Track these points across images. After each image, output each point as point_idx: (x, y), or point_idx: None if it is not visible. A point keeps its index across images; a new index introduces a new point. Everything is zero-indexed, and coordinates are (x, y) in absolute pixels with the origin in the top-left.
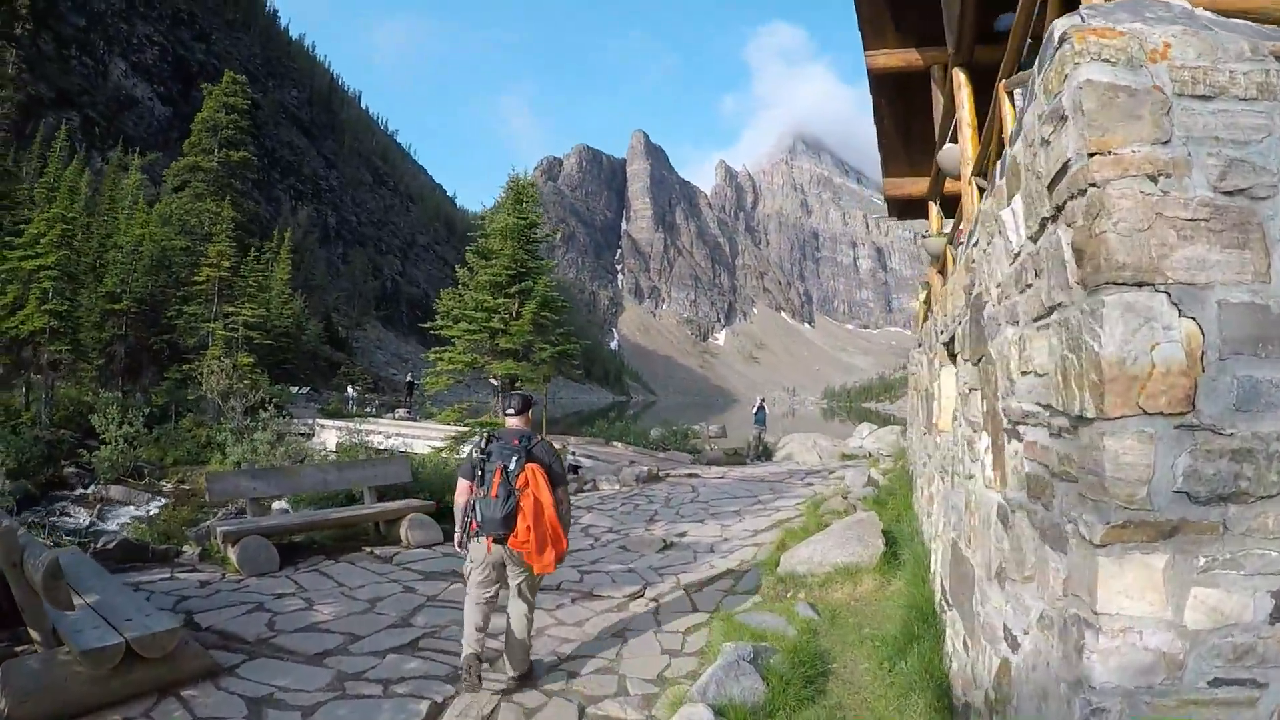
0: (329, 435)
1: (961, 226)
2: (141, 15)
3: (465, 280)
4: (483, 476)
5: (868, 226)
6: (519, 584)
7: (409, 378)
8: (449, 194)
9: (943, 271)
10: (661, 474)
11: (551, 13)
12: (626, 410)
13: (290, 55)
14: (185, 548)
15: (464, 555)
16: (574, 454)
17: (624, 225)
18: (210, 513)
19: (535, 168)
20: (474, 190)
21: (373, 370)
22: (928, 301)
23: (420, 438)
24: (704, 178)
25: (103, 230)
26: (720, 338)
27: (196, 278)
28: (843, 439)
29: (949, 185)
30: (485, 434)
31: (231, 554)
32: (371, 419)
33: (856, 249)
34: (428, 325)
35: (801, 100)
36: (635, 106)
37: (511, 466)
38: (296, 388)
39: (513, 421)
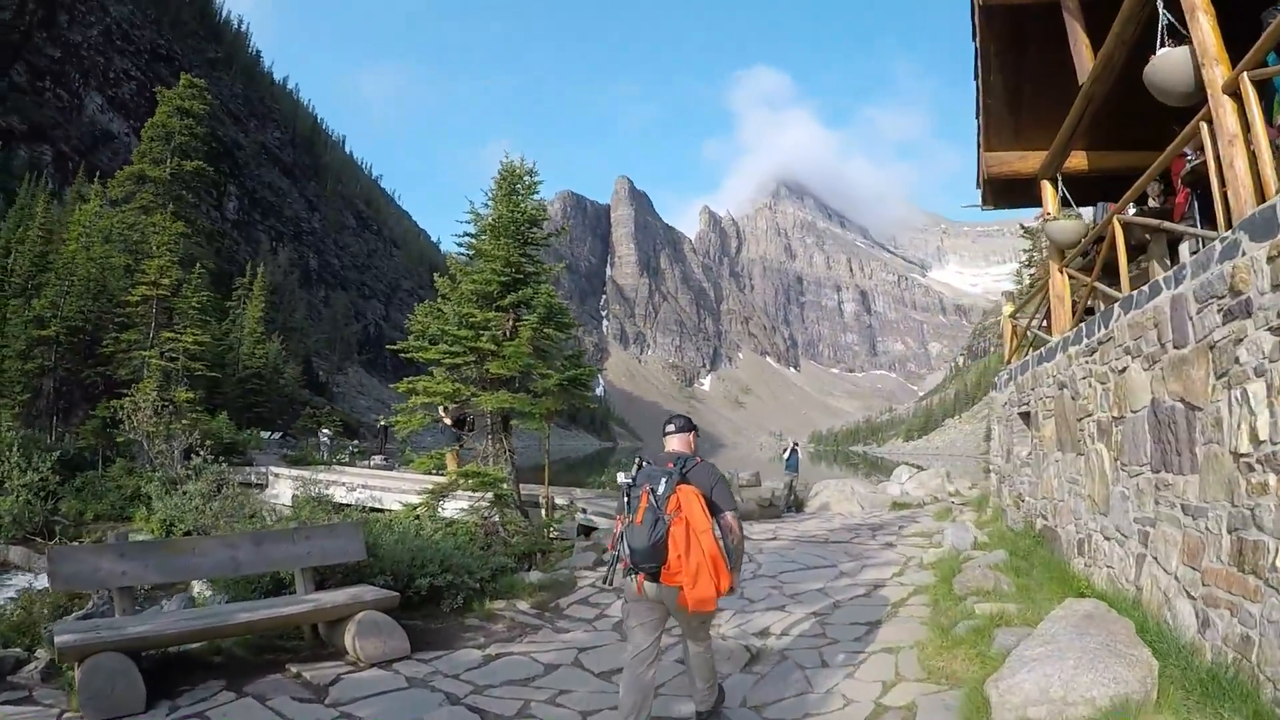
0: (284, 486)
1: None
2: (119, 49)
3: (445, 291)
4: (629, 503)
5: (851, 270)
6: (686, 625)
7: (382, 422)
8: (434, 240)
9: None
10: None
11: (539, 64)
12: (613, 456)
13: (273, 96)
14: (38, 653)
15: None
16: (584, 511)
17: (608, 271)
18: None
19: None
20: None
21: (354, 415)
22: (1022, 308)
23: (392, 490)
24: (688, 223)
25: (36, 250)
26: (706, 383)
27: (131, 298)
28: (874, 485)
29: (1078, 160)
30: (637, 459)
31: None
32: (339, 467)
33: (841, 292)
34: (396, 348)
35: (784, 145)
36: (619, 153)
37: (660, 490)
38: (269, 433)
39: (672, 443)
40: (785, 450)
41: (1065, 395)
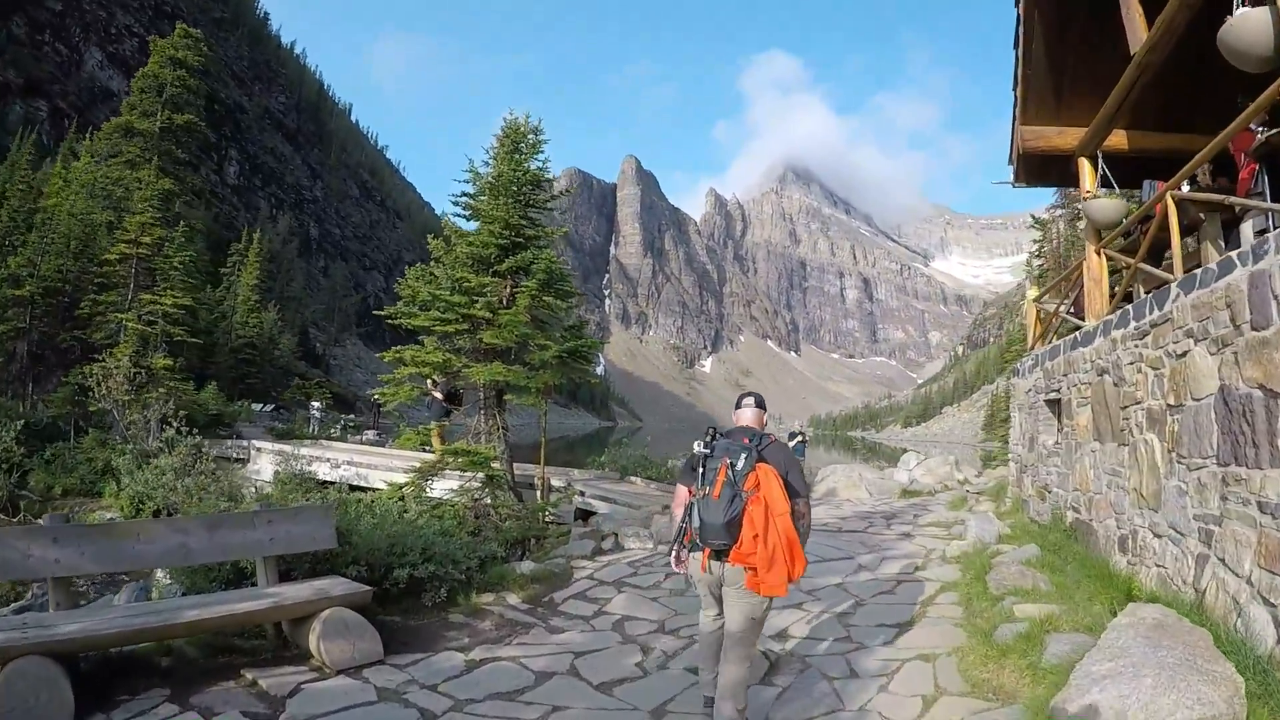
0: (266, 462)
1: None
2: (121, 4)
3: (439, 254)
4: (704, 475)
5: (855, 257)
6: (736, 615)
7: (375, 396)
8: (438, 213)
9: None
10: None
11: (557, 43)
12: (612, 435)
13: (280, 60)
14: None
15: (683, 573)
16: (583, 494)
17: (613, 250)
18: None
19: None
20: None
21: (350, 389)
22: (1048, 293)
23: (379, 468)
24: (694, 205)
25: (15, 205)
26: (707, 365)
27: (110, 256)
28: (881, 471)
29: (1118, 140)
30: (710, 430)
31: None
32: (327, 442)
33: (844, 279)
34: (384, 313)
35: (793, 130)
36: (629, 132)
37: (739, 465)
38: (261, 405)
39: (745, 417)
40: (792, 438)
41: (1106, 381)
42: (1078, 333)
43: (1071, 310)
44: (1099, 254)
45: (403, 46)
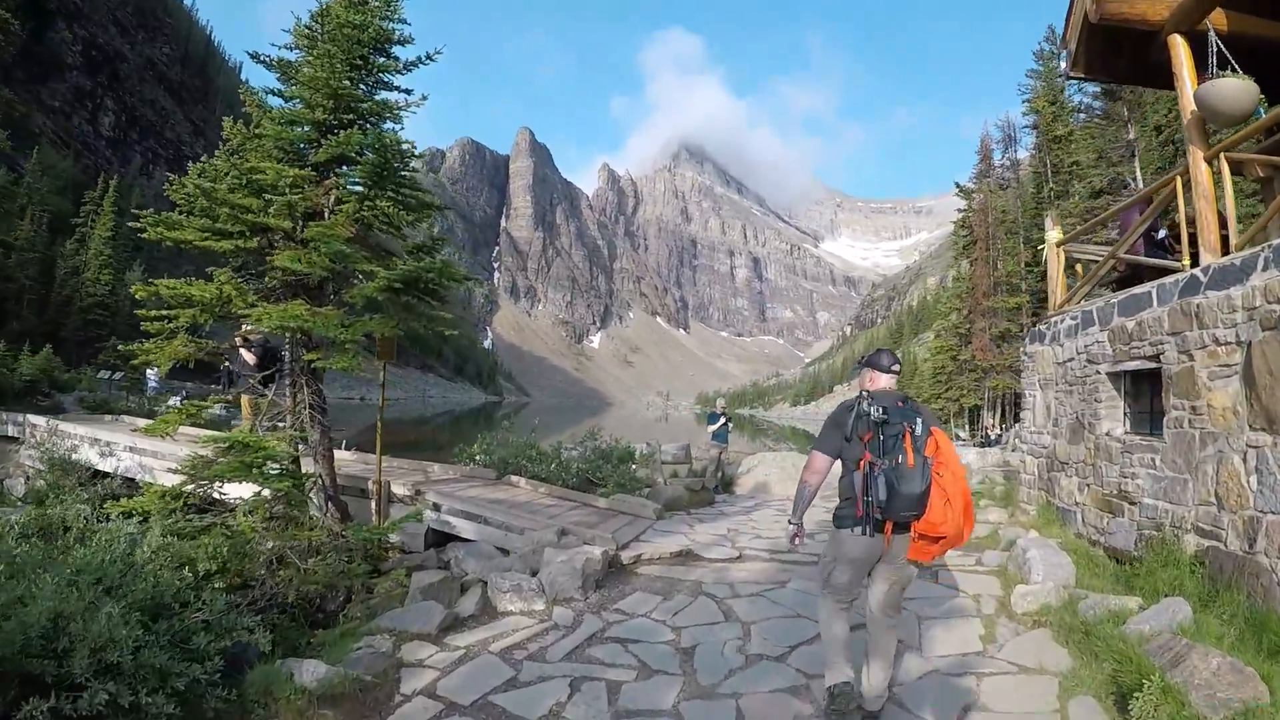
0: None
1: None
2: None
3: (239, 142)
4: (884, 443)
5: (745, 237)
6: (893, 588)
7: (225, 362)
8: None
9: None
10: (625, 558)
11: (452, 4)
12: (499, 411)
13: (166, 10)
14: None
15: (797, 547)
16: (438, 509)
17: (503, 222)
18: None
19: (417, 157)
20: None
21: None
22: (1083, 233)
23: (168, 458)
24: (587, 180)
25: None
26: (595, 340)
27: None
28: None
29: (1215, 20)
30: (864, 393)
31: None
32: (130, 418)
33: (734, 258)
34: (137, 224)
35: (691, 109)
36: (523, 102)
37: (918, 430)
38: (108, 372)
39: (886, 380)
40: (713, 419)
41: (1274, 340)
42: (1211, 268)
43: (1165, 241)
44: (1215, 160)
45: (289, 5)
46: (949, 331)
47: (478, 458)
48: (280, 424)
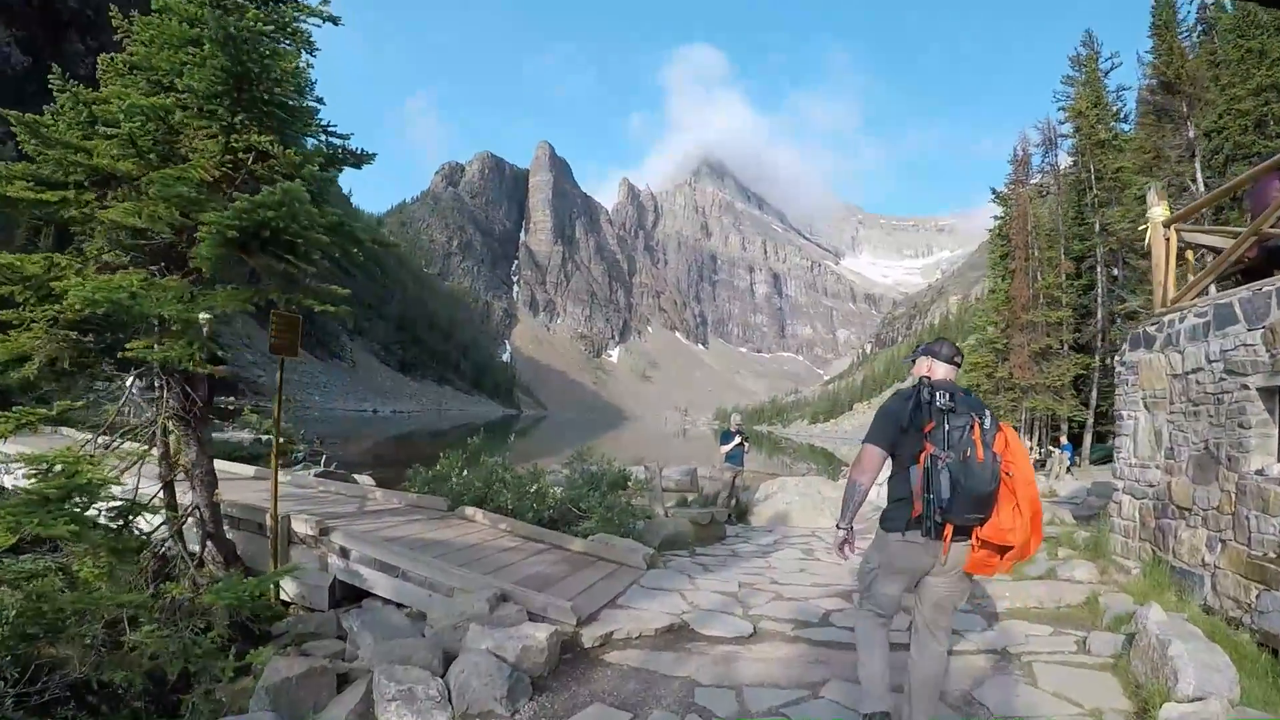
0: None
1: None
2: None
3: (107, 69)
4: (948, 434)
5: (765, 253)
6: (944, 601)
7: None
8: (344, 192)
9: None
10: (587, 639)
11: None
12: (516, 424)
13: None
14: None
15: (848, 556)
16: (346, 554)
17: (523, 236)
18: None
19: (436, 172)
20: (370, 190)
21: (234, 369)
22: (1201, 207)
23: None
24: (606, 194)
25: None
26: (614, 355)
27: None
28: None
29: None
30: (924, 380)
31: None
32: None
33: (754, 274)
34: None
35: (712, 124)
36: (544, 118)
37: (986, 423)
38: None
39: (945, 371)
40: (727, 438)
41: None
42: None
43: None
44: None
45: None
46: (985, 346)
47: (428, 485)
48: (131, 439)
